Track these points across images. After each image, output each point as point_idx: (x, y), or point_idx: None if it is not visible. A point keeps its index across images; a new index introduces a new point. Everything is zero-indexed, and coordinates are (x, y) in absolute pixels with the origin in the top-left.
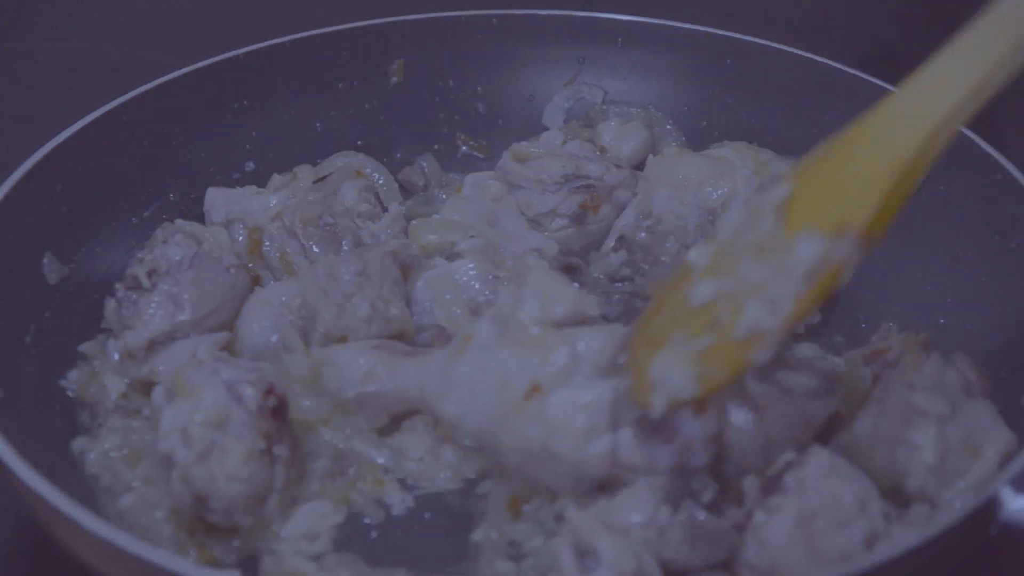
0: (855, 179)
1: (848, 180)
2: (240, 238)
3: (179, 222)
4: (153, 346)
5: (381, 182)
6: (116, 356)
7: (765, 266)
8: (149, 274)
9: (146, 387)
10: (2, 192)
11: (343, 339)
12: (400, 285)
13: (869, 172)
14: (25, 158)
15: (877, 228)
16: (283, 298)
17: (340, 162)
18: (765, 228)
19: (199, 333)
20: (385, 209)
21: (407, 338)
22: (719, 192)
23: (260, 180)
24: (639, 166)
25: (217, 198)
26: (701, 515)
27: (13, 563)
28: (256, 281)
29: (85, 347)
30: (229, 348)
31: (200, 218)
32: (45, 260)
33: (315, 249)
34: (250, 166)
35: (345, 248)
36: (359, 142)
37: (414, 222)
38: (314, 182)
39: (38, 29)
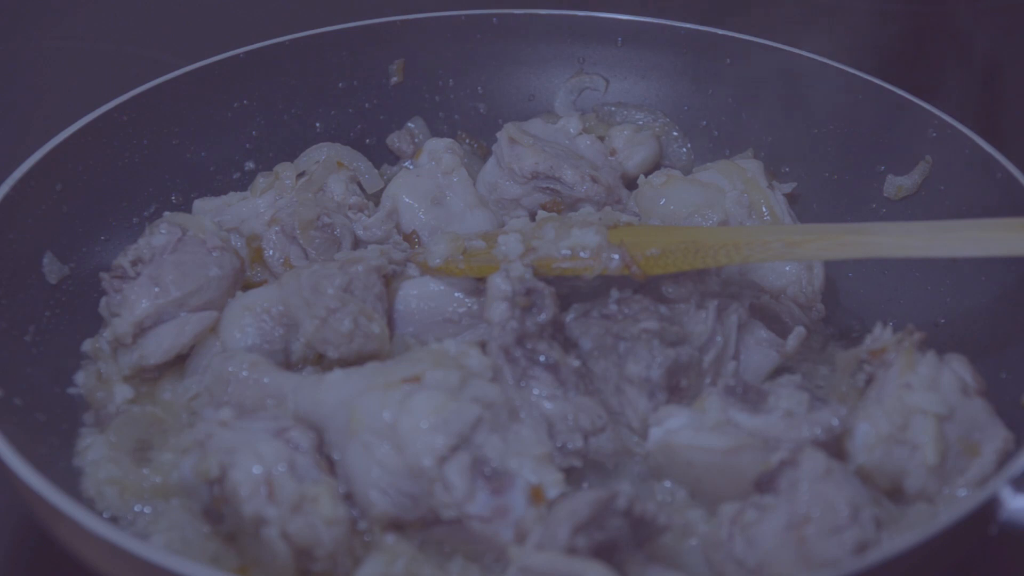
0: None
1: None
2: (243, 251)
3: (166, 214)
4: (141, 330)
5: (362, 169)
6: (107, 348)
7: None
8: (134, 263)
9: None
10: (2, 192)
11: (319, 356)
12: (383, 300)
13: None
14: (25, 158)
15: None
16: (265, 304)
17: (318, 155)
18: None
19: (185, 313)
20: (368, 198)
21: (383, 356)
22: (711, 221)
23: None
24: (645, 169)
25: (205, 209)
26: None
27: (13, 563)
28: (249, 285)
29: (87, 345)
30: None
31: None
32: (45, 260)
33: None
34: (250, 166)
35: (345, 249)
36: (359, 142)
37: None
38: (296, 177)
39: (38, 29)
